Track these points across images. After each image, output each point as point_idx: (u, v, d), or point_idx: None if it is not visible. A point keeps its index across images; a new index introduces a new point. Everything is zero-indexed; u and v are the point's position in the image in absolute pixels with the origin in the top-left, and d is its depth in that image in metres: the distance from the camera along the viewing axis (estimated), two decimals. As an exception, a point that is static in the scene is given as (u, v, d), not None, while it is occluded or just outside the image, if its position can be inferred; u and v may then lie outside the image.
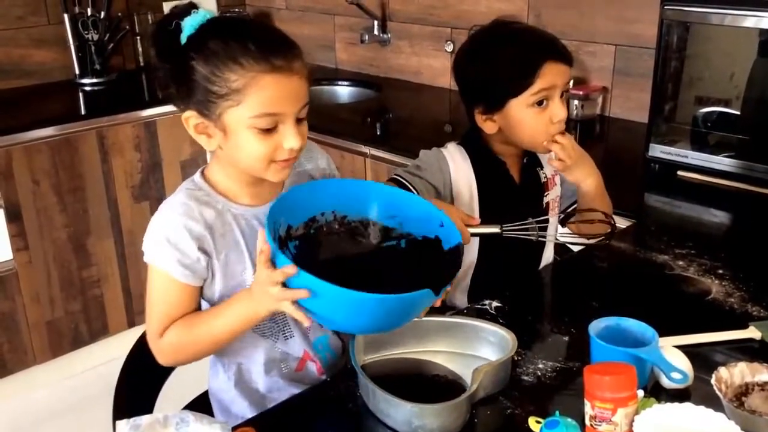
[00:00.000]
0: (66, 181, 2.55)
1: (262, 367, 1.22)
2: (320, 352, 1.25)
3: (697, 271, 1.43)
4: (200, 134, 1.12)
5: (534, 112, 1.35)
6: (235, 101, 1.04)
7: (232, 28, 1.07)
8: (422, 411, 0.98)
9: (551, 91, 1.34)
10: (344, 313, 1.00)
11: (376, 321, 1.03)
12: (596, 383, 0.96)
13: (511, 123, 1.37)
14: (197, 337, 1.13)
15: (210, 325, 1.12)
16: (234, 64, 1.03)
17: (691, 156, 1.89)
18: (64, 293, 2.63)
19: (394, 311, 1.00)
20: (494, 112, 1.38)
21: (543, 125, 1.36)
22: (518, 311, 1.31)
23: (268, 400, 1.23)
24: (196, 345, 1.14)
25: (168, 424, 0.99)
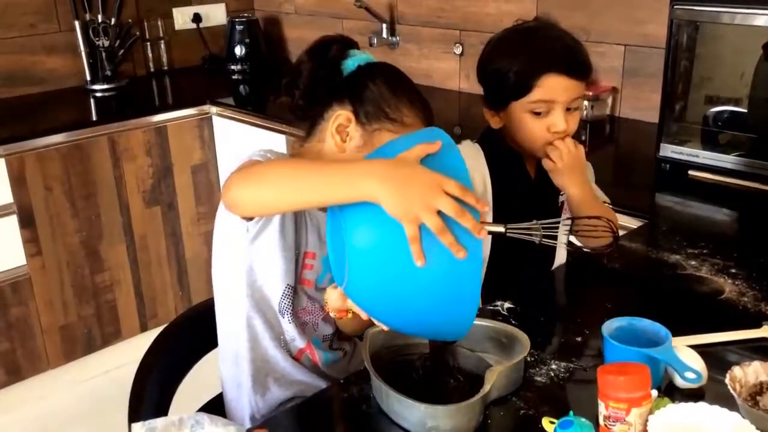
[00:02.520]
0: (78, 187, 2.57)
1: (273, 342, 1.23)
2: (318, 347, 1.26)
3: (709, 270, 1.43)
4: (338, 133, 1.17)
5: (532, 117, 1.36)
6: (400, 130, 1.15)
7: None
8: (436, 412, 0.99)
9: (551, 105, 1.34)
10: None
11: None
12: (610, 383, 0.96)
13: (512, 124, 1.39)
14: (268, 169, 1.00)
15: (290, 165, 1.03)
16: (409, 107, 1.17)
17: (702, 155, 1.88)
18: (77, 298, 2.65)
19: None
20: (498, 110, 1.40)
21: (540, 132, 1.36)
22: (531, 312, 1.31)
23: (272, 371, 1.24)
24: (263, 176, 0.99)
25: (183, 426, 1.00)
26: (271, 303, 1.21)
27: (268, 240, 1.16)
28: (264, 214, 1.11)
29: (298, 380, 1.25)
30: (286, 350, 1.24)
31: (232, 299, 1.21)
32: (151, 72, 3.27)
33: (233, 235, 1.16)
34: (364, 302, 1.01)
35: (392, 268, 0.94)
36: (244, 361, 1.23)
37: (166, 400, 1.25)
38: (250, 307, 1.20)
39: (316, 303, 1.26)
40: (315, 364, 1.28)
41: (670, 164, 1.96)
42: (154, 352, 1.25)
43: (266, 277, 1.19)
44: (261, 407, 1.25)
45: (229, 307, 1.23)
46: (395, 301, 0.96)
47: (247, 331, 1.21)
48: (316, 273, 1.25)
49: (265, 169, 0.99)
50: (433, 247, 0.91)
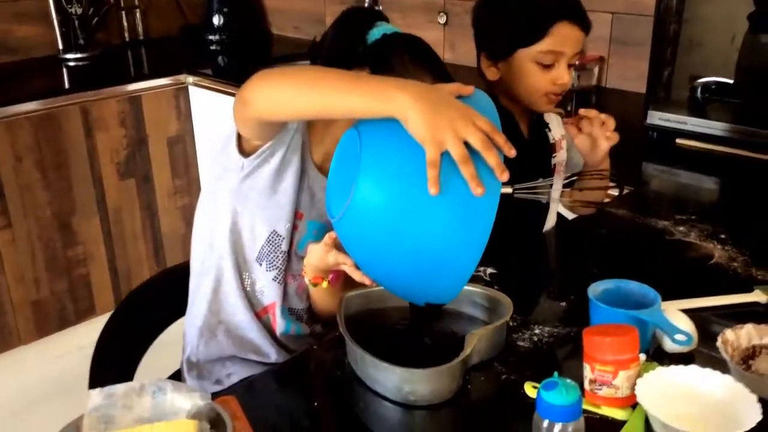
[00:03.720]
0: (49, 157, 2.49)
1: (238, 291, 1.18)
2: (284, 316, 1.20)
3: (698, 236, 1.38)
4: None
5: (538, 68, 1.31)
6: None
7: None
8: (413, 376, 0.93)
9: (559, 56, 1.30)
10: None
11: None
12: (596, 345, 0.91)
13: (513, 73, 1.33)
14: (294, 70, 0.96)
15: (318, 68, 0.98)
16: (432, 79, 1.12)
17: (690, 122, 1.84)
18: (49, 273, 2.57)
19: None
20: (499, 59, 1.34)
21: (544, 83, 1.32)
22: (514, 277, 1.25)
23: (225, 320, 1.20)
24: (287, 75, 0.94)
25: (144, 392, 0.94)
26: (249, 249, 1.17)
27: (261, 180, 1.11)
28: (278, 116, 1.01)
29: (247, 338, 1.20)
30: (249, 303, 1.19)
31: (210, 239, 1.17)
32: (127, 41, 3.16)
33: (225, 172, 1.12)
34: (356, 242, 0.94)
35: (400, 198, 0.87)
36: (203, 301, 1.19)
37: (130, 369, 1.19)
38: (224, 249, 1.16)
39: (293, 266, 1.20)
40: (272, 331, 1.22)
41: (657, 132, 1.91)
42: (118, 317, 1.19)
43: (250, 220, 1.14)
44: (201, 351, 1.20)
45: (205, 246, 1.18)
46: (394, 240, 0.88)
47: (215, 272, 1.17)
48: (300, 235, 1.19)
49: (290, 70, 0.95)
50: (449, 182, 0.84)
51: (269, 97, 0.94)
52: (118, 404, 0.92)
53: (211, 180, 1.17)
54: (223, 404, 0.93)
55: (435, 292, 0.97)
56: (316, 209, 1.19)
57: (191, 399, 0.92)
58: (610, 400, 0.91)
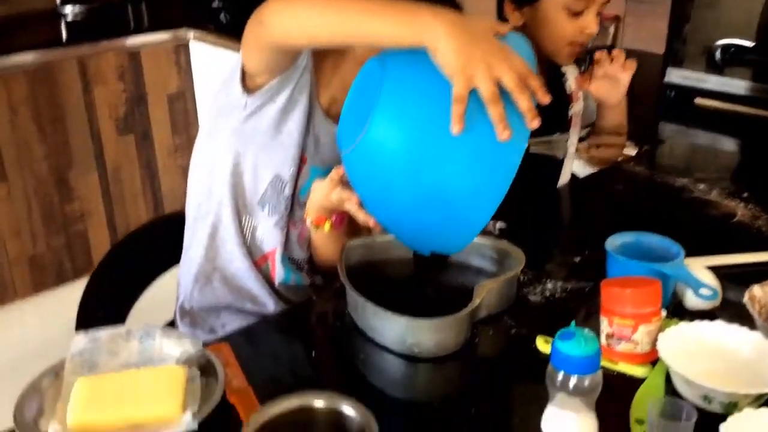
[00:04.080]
0: (46, 110, 2.41)
1: (236, 237, 1.11)
2: (283, 265, 1.14)
3: (719, 194, 1.31)
4: None
5: (567, 15, 1.24)
6: None
7: None
8: (417, 326, 0.87)
9: (590, 3, 1.24)
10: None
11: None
12: (615, 297, 0.85)
13: (540, 20, 1.26)
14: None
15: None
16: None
17: (710, 81, 1.76)
18: (46, 228, 2.51)
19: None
20: (525, 4, 1.27)
21: (571, 32, 1.26)
22: (525, 232, 1.19)
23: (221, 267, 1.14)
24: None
25: (131, 337, 0.88)
26: (250, 192, 1.10)
27: (265, 119, 1.04)
28: (296, 40, 0.93)
29: (244, 287, 1.14)
30: (247, 251, 1.13)
31: (208, 182, 1.10)
32: (127, -5, 3.07)
33: (227, 110, 1.05)
34: (365, 179, 0.87)
35: (418, 135, 0.80)
36: (199, 247, 1.13)
37: (120, 317, 1.13)
38: (224, 193, 1.09)
39: (294, 213, 1.14)
40: (271, 281, 1.16)
41: (675, 91, 1.83)
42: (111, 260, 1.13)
43: (253, 162, 1.07)
44: (195, 298, 1.14)
45: (203, 190, 1.12)
46: (406, 180, 0.81)
47: (212, 217, 1.11)
48: (303, 181, 1.13)
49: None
50: (474, 122, 0.76)
51: (289, 18, 0.86)
52: (103, 349, 0.87)
53: (211, 119, 1.10)
54: (216, 351, 0.88)
55: (443, 241, 0.91)
56: (319, 155, 1.13)
57: (181, 345, 0.86)
58: (628, 355, 0.85)
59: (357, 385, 0.87)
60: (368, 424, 0.64)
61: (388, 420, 0.79)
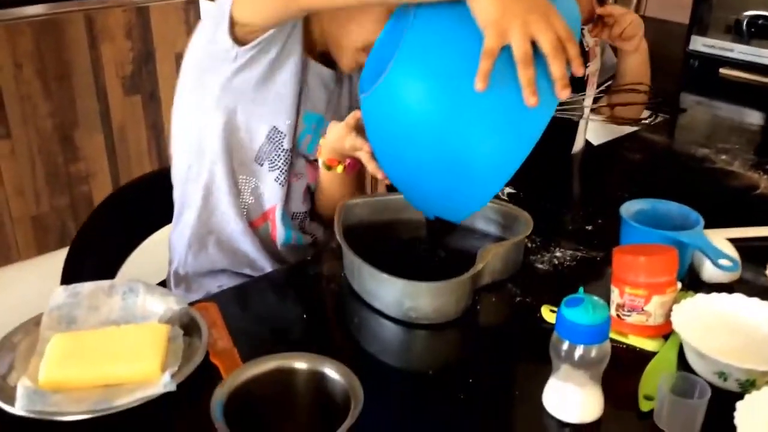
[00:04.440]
0: (51, 66, 2.36)
1: (229, 198, 1.06)
2: (284, 222, 1.09)
3: (742, 165, 1.25)
4: None
5: None
6: None
7: None
8: (415, 290, 0.82)
9: None
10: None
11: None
12: (628, 265, 0.79)
13: None
14: None
15: None
16: None
17: (737, 50, 1.68)
18: (50, 187, 2.48)
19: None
20: None
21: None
22: (535, 198, 1.13)
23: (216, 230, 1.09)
24: None
25: (114, 292, 0.84)
26: (247, 149, 1.03)
27: (257, 71, 0.97)
28: (316, 5, 0.89)
29: (241, 251, 1.08)
30: (244, 212, 1.07)
31: (197, 141, 1.03)
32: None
33: (213, 63, 0.97)
34: (379, 128, 0.82)
35: (440, 87, 0.74)
36: (192, 210, 1.07)
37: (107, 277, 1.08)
38: (215, 152, 1.02)
39: (295, 165, 1.08)
40: (272, 241, 1.10)
41: (699, 60, 1.75)
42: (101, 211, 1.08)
43: (246, 117, 1.01)
44: (189, 264, 1.09)
45: (191, 150, 1.05)
46: (421, 134, 0.75)
47: (205, 178, 1.04)
48: (299, 130, 1.07)
49: None
50: (501, 81, 0.70)
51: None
52: (83, 304, 0.82)
53: (195, 73, 1.02)
54: (202, 310, 0.83)
55: (450, 204, 0.84)
56: (310, 100, 1.06)
57: (165, 303, 0.82)
58: (639, 328, 0.80)
59: (349, 350, 0.83)
60: (352, 386, 0.59)
61: (381, 388, 0.75)
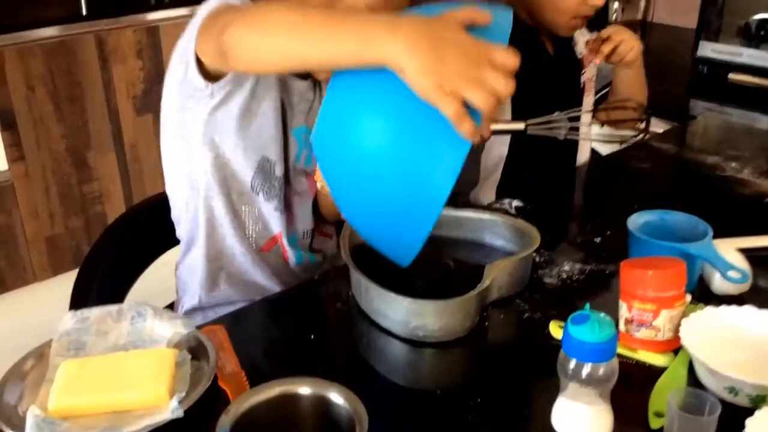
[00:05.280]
0: (63, 88, 2.39)
1: (233, 231, 1.05)
2: (292, 245, 1.09)
3: (752, 173, 1.24)
4: None
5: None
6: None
7: None
8: (421, 308, 0.82)
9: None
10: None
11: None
12: (636, 279, 0.79)
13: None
14: (270, 12, 0.77)
15: (295, 10, 0.76)
16: None
17: (745, 54, 1.67)
18: (64, 208, 2.50)
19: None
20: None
21: (575, 3, 1.18)
22: (544, 211, 1.13)
23: (226, 265, 1.07)
24: (264, 20, 0.77)
25: (122, 317, 0.84)
26: (241, 180, 1.02)
27: (236, 105, 0.96)
28: (257, 68, 0.87)
29: (252, 282, 1.07)
30: (249, 241, 1.06)
31: (189, 179, 1.02)
32: (148, -29, 3.04)
33: (190, 101, 0.95)
34: (327, 156, 0.79)
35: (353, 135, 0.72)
36: (199, 250, 1.06)
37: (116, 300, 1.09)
38: (209, 188, 1.01)
39: (294, 185, 1.08)
40: (285, 262, 1.10)
41: (708, 66, 1.74)
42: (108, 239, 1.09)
43: (233, 149, 1.00)
44: (204, 302, 1.08)
45: (185, 188, 1.04)
46: (344, 175, 0.75)
47: (204, 215, 1.03)
48: (293, 148, 1.06)
49: (266, 12, 0.77)
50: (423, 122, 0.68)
51: (252, 51, 0.77)
52: (91, 329, 0.83)
53: (174, 112, 0.99)
54: (210, 333, 0.83)
55: (389, 246, 0.81)
56: (295, 117, 1.05)
57: (173, 326, 0.82)
58: (648, 343, 0.79)
59: (358, 369, 0.82)
60: (357, 411, 0.58)
61: (389, 408, 0.75)
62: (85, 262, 1.08)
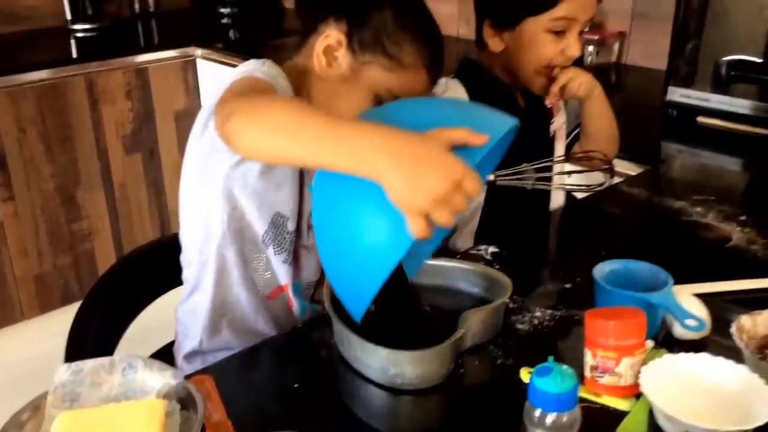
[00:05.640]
0: (53, 129, 2.44)
1: (242, 280, 1.10)
2: (296, 294, 1.13)
3: (716, 217, 1.30)
4: (324, 55, 1.03)
5: (548, 39, 1.24)
6: (396, 70, 1.02)
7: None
8: (399, 358, 0.87)
9: (572, 23, 1.23)
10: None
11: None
12: (599, 329, 0.84)
13: (520, 44, 1.25)
14: (278, 104, 0.84)
15: (295, 113, 0.81)
16: (413, 44, 1.02)
17: (713, 99, 1.74)
18: (53, 247, 2.54)
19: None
20: (506, 28, 1.26)
21: (552, 54, 1.26)
22: (517, 257, 1.18)
23: (229, 312, 1.12)
24: (274, 107, 0.83)
25: (114, 369, 0.88)
26: (252, 233, 1.07)
27: (257, 164, 1.00)
28: (259, 160, 0.95)
29: (255, 330, 1.12)
30: (256, 288, 1.11)
31: (205, 225, 1.06)
32: (136, 13, 3.11)
33: (215, 152, 1.00)
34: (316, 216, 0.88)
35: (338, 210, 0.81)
36: (205, 295, 1.10)
37: (110, 345, 1.13)
38: (224, 237, 1.05)
39: (302, 240, 1.13)
40: (288, 310, 1.15)
41: (677, 110, 1.81)
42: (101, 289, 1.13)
43: (251, 203, 1.04)
44: (204, 347, 1.13)
45: (199, 233, 1.08)
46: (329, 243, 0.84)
47: (215, 262, 1.07)
48: (307, 204, 1.11)
49: (268, 110, 0.82)
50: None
51: (252, 147, 0.83)
52: (85, 381, 0.87)
53: (199, 158, 1.04)
54: (198, 383, 0.88)
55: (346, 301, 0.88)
56: (310, 173, 1.10)
57: (163, 377, 0.86)
58: (612, 388, 0.84)
59: (339, 417, 0.87)
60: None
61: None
62: (79, 313, 1.12)
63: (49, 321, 2.57)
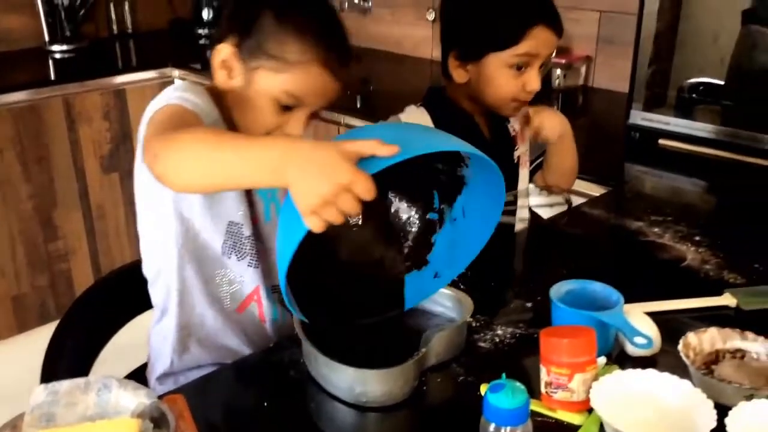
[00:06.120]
0: (31, 149, 2.46)
1: (205, 298, 1.13)
2: (269, 298, 1.17)
3: (672, 237, 1.36)
4: (223, 69, 1.06)
5: (510, 74, 1.29)
6: (284, 70, 1.02)
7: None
8: (364, 376, 0.91)
9: (533, 59, 1.28)
10: None
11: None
12: (552, 346, 0.89)
13: (483, 77, 1.30)
14: (198, 135, 0.87)
15: (218, 135, 0.88)
16: (296, 41, 1.02)
17: (673, 123, 1.81)
18: (30, 267, 2.55)
19: None
20: (469, 61, 1.31)
21: (514, 89, 1.31)
22: (480, 277, 1.23)
23: (196, 331, 1.15)
24: (192, 141, 0.86)
25: (89, 389, 0.91)
26: (211, 251, 1.11)
27: None
28: (194, 192, 1.01)
29: (223, 345, 1.16)
30: (221, 305, 1.14)
31: (163, 248, 1.10)
32: (114, 34, 3.14)
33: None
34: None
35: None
36: (171, 318, 1.13)
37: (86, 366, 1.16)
38: (181, 257, 1.09)
39: (264, 243, 1.16)
40: (257, 323, 1.18)
41: (639, 132, 1.88)
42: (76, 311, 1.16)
43: (202, 221, 1.08)
44: (176, 367, 1.16)
45: (157, 257, 1.12)
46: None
47: (176, 284, 1.11)
48: (260, 207, 1.15)
49: (185, 147, 0.86)
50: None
51: (182, 182, 0.88)
52: (61, 401, 0.90)
53: (146, 184, 1.06)
54: (170, 403, 0.91)
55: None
56: None
57: (137, 397, 0.90)
58: (565, 404, 0.89)
59: (307, 434, 0.91)
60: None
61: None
62: (56, 334, 1.15)
63: (26, 339, 2.58)
